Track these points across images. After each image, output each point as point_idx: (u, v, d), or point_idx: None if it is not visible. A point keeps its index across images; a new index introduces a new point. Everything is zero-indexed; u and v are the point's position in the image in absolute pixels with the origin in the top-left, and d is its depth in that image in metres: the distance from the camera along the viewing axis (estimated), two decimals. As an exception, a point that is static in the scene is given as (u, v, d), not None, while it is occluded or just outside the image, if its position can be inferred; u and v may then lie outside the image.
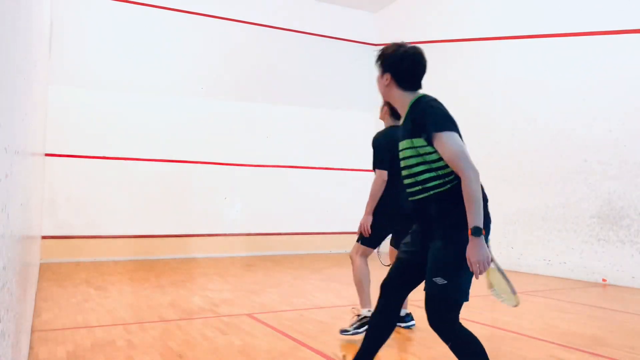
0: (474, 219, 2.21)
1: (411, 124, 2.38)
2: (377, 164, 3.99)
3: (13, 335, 1.90)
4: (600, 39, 7.18)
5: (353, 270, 4.12)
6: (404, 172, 2.50)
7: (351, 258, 4.16)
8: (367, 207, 3.96)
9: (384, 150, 3.95)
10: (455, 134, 2.31)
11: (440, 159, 2.32)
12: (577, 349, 3.63)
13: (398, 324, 3.98)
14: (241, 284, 6.64)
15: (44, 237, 8.27)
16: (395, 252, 3.60)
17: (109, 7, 9.39)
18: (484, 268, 2.24)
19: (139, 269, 7.77)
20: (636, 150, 6.69)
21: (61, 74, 8.85)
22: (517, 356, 3.44)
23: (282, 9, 11.02)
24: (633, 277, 6.57)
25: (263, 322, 4.33)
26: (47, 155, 8.54)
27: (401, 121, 2.49)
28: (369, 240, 4.04)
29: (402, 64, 2.47)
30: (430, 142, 2.31)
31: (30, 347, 3.46)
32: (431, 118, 2.32)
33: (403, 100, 2.48)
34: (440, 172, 2.34)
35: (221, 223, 10.03)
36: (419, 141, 2.34)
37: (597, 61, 7.23)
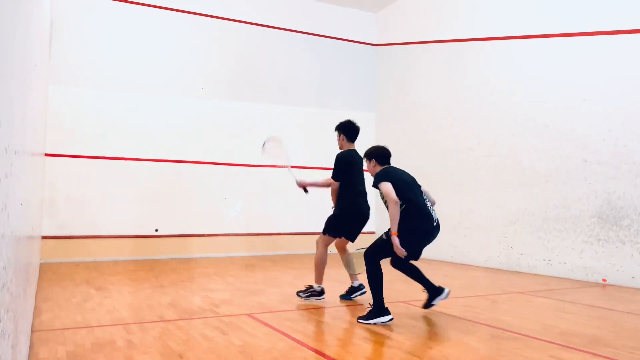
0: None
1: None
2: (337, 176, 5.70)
3: (13, 335, 1.90)
4: (600, 39, 7.18)
5: (316, 253, 5.46)
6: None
7: (317, 244, 5.52)
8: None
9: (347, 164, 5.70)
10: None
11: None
12: (577, 349, 3.63)
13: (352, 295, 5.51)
14: (241, 284, 6.64)
15: (44, 237, 8.28)
16: (342, 242, 5.57)
17: (109, 7, 9.39)
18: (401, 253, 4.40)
19: (139, 269, 7.77)
20: (636, 150, 6.68)
21: (61, 74, 8.86)
22: (517, 356, 3.44)
23: (282, 9, 11.02)
24: (633, 277, 6.57)
25: (263, 322, 4.33)
26: (47, 155, 8.54)
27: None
28: (332, 233, 5.50)
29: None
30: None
31: (30, 347, 3.46)
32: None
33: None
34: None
35: (221, 223, 10.03)
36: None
37: (597, 61, 7.23)
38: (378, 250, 4.53)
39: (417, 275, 4.77)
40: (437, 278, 5.93)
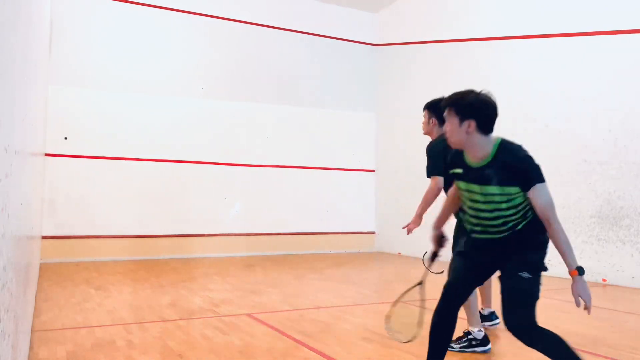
0: (572, 261, 2.51)
1: (502, 168, 2.53)
2: (433, 171, 3.94)
3: (13, 335, 1.90)
4: (600, 39, 7.18)
5: None
6: (477, 208, 2.60)
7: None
8: (418, 210, 3.92)
9: (440, 158, 3.78)
10: (547, 185, 2.54)
11: (525, 201, 2.52)
12: (577, 349, 3.63)
13: (484, 322, 3.99)
14: (241, 284, 6.64)
15: (44, 237, 8.27)
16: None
17: (109, 7, 9.39)
18: (590, 305, 2.54)
19: (139, 269, 7.77)
20: (636, 150, 6.68)
21: (61, 74, 8.85)
22: (517, 356, 3.44)
23: (282, 9, 11.01)
24: (633, 277, 6.57)
25: (263, 322, 4.32)
26: (47, 155, 8.54)
27: (474, 161, 2.62)
28: None
29: (486, 110, 2.67)
30: (526, 190, 2.49)
31: (30, 347, 3.46)
32: (534, 170, 2.54)
33: (484, 144, 2.64)
34: (521, 211, 2.55)
35: (221, 223, 10.03)
36: (514, 189, 2.50)
37: (597, 61, 7.22)
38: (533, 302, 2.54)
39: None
40: (437, 278, 5.93)
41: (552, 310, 5.11)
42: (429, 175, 3.92)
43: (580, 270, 2.48)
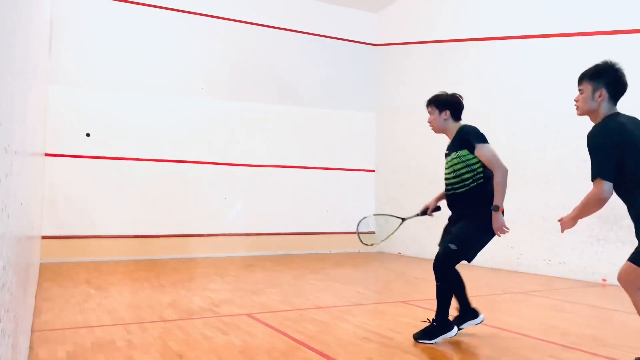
0: (498, 202, 3.60)
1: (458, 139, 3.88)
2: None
3: (13, 335, 1.90)
4: (600, 39, 7.18)
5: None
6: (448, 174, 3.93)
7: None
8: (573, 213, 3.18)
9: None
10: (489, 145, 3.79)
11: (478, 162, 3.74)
12: (577, 349, 3.63)
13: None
14: (241, 284, 6.64)
15: (44, 237, 8.27)
16: None
17: (108, 7, 9.39)
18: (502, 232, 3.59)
19: (139, 269, 7.77)
20: (636, 150, 6.68)
21: (61, 74, 8.85)
22: (517, 356, 3.44)
23: (282, 9, 11.02)
24: (633, 277, 6.56)
25: (263, 322, 4.33)
26: (47, 155, 8.54)
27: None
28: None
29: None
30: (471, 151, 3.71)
31: (30, 347, 3.46)
32: (474, 135, 3.83)
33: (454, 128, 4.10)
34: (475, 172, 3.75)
35: (221, 223, 10.03)
36: (463, 152, 3.79)
37: (597, 61, 7.21)
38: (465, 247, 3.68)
39: (462, 288, 3.97)
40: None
41: (552, 310, 5.11)
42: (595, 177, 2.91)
43: (495, 208, 3.58)
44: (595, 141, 2.80)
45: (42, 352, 3.37)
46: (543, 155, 7.83)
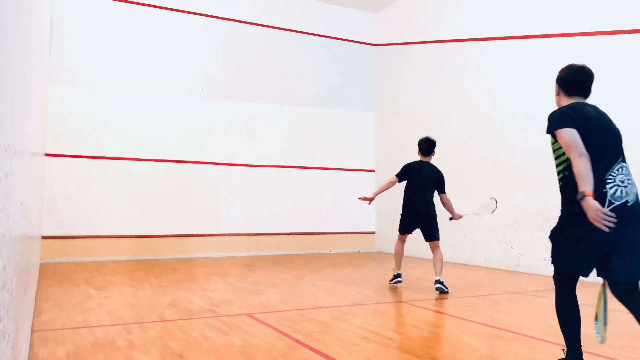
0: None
1: None
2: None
3: (13, 335, 1.90)
4: (600, 39, 7.18)
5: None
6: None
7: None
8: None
9: None
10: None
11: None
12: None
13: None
14: (241, 284, 6.64)
15: (44, 237, 8.27)
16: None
17: (108, 7, 9.39)
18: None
19: (139, 269, 7.77)
20: (636, 150, 6.68)
21: (61, 74, 8.86)
22: (517, 356, 3.44)
23: (282, 9, 11.02)
24: (633, 277, 6.56)
25: (263, 322, 4.33)
26: (47, 155, 8.54)
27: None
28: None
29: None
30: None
31: (30, 347, 3.46)
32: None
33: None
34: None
35: (221, 223, 10.03)
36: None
37: (597, 61, 7.21)
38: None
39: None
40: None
41: (552, 310, 5.10)
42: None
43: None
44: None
45: (42, 352, 3.37)
46: (543, 155, 7.83)
